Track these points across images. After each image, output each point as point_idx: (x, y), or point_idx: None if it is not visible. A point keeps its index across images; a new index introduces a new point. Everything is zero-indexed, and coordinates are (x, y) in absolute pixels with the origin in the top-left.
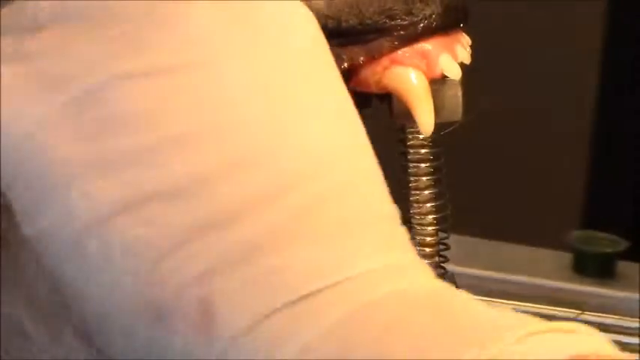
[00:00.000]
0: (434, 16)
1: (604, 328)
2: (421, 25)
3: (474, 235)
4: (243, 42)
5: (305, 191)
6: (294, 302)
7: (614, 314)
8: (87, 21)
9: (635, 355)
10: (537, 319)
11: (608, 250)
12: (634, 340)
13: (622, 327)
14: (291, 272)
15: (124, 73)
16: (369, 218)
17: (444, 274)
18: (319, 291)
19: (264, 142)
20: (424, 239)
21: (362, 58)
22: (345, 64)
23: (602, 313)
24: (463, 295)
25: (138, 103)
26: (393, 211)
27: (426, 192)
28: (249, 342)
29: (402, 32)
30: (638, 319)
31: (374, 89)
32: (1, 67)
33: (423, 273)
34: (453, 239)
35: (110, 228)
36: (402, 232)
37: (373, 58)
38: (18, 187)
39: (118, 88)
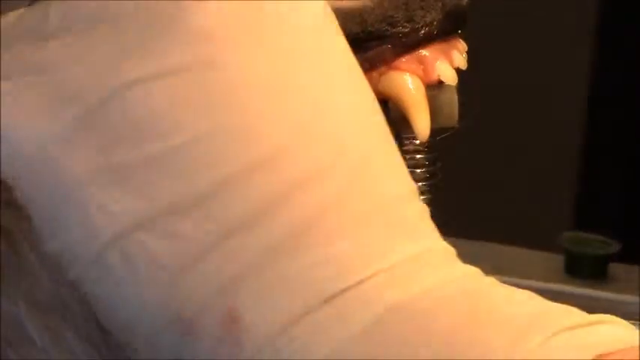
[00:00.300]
0: (435, 23)
1: None
2: (422, 32)
3: (464, 237)
4: (251, 33)
5: (328, 183)
6: (321, 304)
7: None
8: (95, 27)
9: None
10: (572, 310)
11: (600, 251)
12: None
13: None
14: (316, 272)
15: (134, 79)
16: (394, 200)
17: None
18: (349, 289)
19: (283, 137)
20: None
21: (365, 66)
22: None
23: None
24: (491, 285)
25: (151, 109)
26: (412, 187)
27: (422, 197)
28: (277, 349)
29: (403, 39)
30: (631, 321)
31: None
32: (13, 79)
33: (450, 259)
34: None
35: (132, 242)
36: (424, 209)
37: (375, 66)
38: (36, 203)
39: (128, 95)
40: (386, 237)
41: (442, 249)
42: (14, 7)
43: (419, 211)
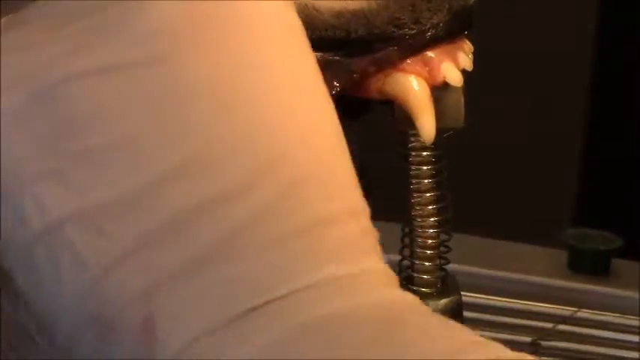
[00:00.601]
0: (441, 24)
1: (599, 325)
2: (429, 33)
3: (468, 232)
4: (203, 36)
5: (257, 196)
6: (231, 321)
7: (609, 312)
8: (57, 15)
9: (633, 353)
10: (494, 347)
11: (603, 247)
12: (629, 337)
13: (617, 324)
14: (232, 288)
15: (80, 71)
16: (328, 219)
17: (445, 276)
18: (259, 307)
19: (220, 141)
20: (425, 241)
21: (371, 69)
22: (355, 76)
23: (598, 310)
24: (416, 314)
25: (92, 103)
26: (358, 206)
27: (428, 194)
28: None
29: (410, 41)
30: (633, 317)
31: (376, 96)
32: None
33: (382, 284)
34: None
35: (59, 236)
36: (367, 230)
37: (382, 67)
38: None
39: (72, 86)
40: (308, 257)
41: (375, 273)
42: (14, 8)
43: (356, 232)
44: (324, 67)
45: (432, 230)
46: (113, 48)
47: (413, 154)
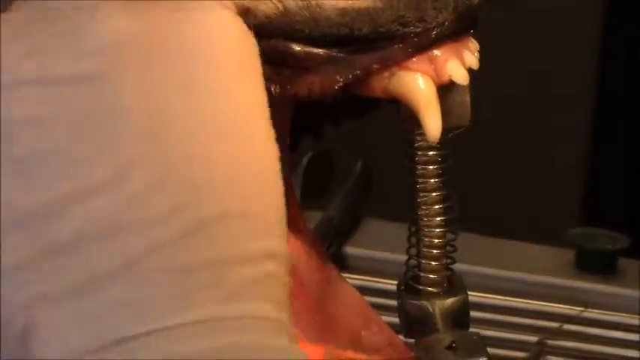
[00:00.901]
0: (446, 23)
1: (606, 324)
2: (434, 32)
3: (474, 232)
4: (150, 56)
5: (177, 223)
6: (117, 342)
7: (616, 311)
8: (37, 11)
9: (636, 352)
10: None
11: (610, 247)
12: (634, 337)
13: (623, 324)
14: (124, 310)
15: (22, 78)
16: (241, 256)
17: (451, 276)
18: (147, 333)
19: (142, 166)
20: (432, 241)
21: (374, 66)
22: (358, 72)
23: (604, 309)
24: None
25: (25, 112)
26: (276, 249)
27: (434, 194)
28: None
29: (415, 39)
30: (638, 316)
31: (381, 95)
32: None
33: (266, 330)
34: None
35: None
36: (273, 276)
37: (387, 66)
38: None
39: (11, 92)
40: (204, 293)
41: (264, 320)
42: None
43: (261, 276)
44: (327, 62)
45: (438, 230)
46: (61, 58)
47: (419, 153)
